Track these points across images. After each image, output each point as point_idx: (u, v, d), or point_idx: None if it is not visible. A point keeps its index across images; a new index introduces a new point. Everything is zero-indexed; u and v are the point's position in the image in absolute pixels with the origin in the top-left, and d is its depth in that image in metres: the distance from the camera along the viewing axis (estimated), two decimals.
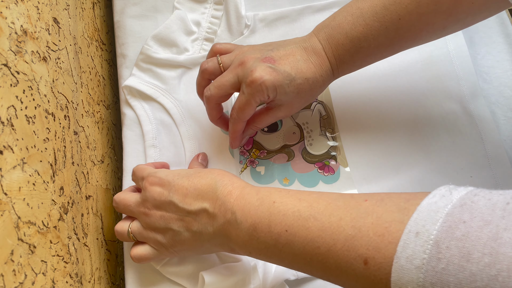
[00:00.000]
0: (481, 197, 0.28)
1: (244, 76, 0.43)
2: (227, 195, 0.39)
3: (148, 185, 0.43)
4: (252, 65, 0.43)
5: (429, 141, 0.52)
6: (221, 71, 0.46)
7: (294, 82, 0.43)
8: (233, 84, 0.44)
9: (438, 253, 0.26)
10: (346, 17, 0.44)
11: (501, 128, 0.52)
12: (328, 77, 0.45)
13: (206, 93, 0.46)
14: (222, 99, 0.46)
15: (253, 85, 0.42)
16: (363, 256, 0.30)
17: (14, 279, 0.30)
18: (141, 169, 0.46)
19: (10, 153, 0.32)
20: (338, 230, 0.32)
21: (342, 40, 0.44)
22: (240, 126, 0.47)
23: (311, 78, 0.44)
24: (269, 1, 0.59)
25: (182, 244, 0.42)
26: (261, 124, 0.48)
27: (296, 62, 0.44)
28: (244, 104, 0.44)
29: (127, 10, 0.58)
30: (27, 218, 0.33)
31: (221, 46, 0.49)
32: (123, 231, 0.45)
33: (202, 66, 0.47)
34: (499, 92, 0.54)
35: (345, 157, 0.51)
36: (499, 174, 0.50)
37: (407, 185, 0.50)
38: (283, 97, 0.44)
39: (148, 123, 0.54)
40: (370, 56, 0.45)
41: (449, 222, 0.27)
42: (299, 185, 0.51)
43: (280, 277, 0.45)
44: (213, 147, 0.53)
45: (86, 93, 0.52)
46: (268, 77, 0.42)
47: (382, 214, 0.31)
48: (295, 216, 0.35)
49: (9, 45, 0.34)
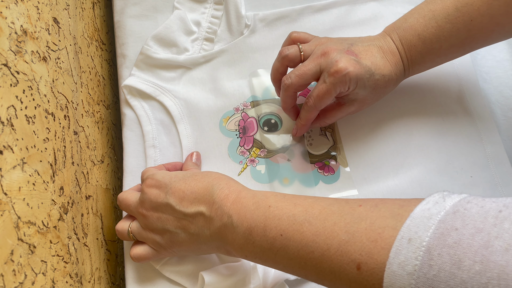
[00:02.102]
0: (474, 205, 0.28)
1: (327, 66, 0.44)
2: (224, 199, 0.39)
3: (145, 187, 0.44)
4: (336, 56, 0.44)
5: (429, 141, 0.52)
6: (301, 59, 0.47)
7: (373, 77, 0.45)
8: (314, 73, 0.45)
9: (429, 260, 0.27)
10: (418, 19, 0.45)
11: (501, 128, 0.52)
12: (401, 77, 0.47)
13: (286, 81, 0.46)
14: (300, 88, 0.46)
15: (337, 75, 0.43)
16: (356, 261, 0.30)
17: (14, 279, 0.30)
18: (144, 171, 0.47)
19: (10, 153, 0.32)
20: (332, 235, 0.32)
21: (415, 41, 0.45)
22: (313, 115, 0.47)
23: (387, 75, 0.45)
24: (269, 1, 0.59)
25: (180, 245, 0.42)
26: (331, 120, 0.49)
27: (375, 58, 0.45)
28: (324, 93, 0.44)
29: (127, 10, 0.58)
30: (27, 218, 0.33)
31: (299, 34, 0.49)
32: (123, 231, 0.45)
33: (283, 52, 0.47)
34: (499, 92, 0.54)
35: (345, 157, 0.51)
36: (499, 174, 0.50)
37: (407, 185, 0.50)
38: (360, 91, 0.45)
39: (148, 123, 0.54)
40: (440, 57, 0.46)
41: (441, 229, 0.27)
42: (299, 185, 0.51)
43: (280, 277, 0.45)
44: (211, 146, 0.53)
45: (86, 93, 0.52)
46: (352, 69, 0.43)
47: (376, 220, 0.31)
48: (290, 221, 0.35)
49: (9, 45, 0.34)
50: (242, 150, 0.53)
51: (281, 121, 0.54)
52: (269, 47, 0.57)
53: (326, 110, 0.49)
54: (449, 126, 0.52)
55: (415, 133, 0.52)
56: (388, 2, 0.58)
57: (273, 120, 0.54)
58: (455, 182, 0.50)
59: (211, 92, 0.55)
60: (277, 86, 0.50)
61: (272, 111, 0.54)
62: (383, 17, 0.57)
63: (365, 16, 0.57)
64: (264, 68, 0.56)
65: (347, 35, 0.57)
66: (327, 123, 0.50)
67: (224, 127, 0.54)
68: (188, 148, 0.53)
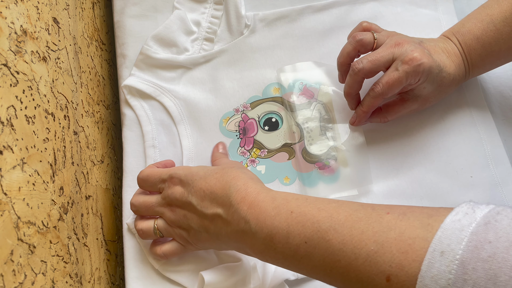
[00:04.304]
0: (504, 216, 0.28)
1: (401, 55, 0.44)
2: (240, 202, 0.38)
3: (172, 185, 0.43)
4: (411, 46, 0.45)
5: (429, 141, 0.52)
6: (373, 47, 0.48)
7: (441, 73, 0.46)
8: (387, 61, 0.45)
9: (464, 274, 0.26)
10: (476, 23, 0.47)
11: (501, 128, 0.52)
12: (462, 78, 0.48)
13: (358, 66, 0.46)
14: (370, 75, 0.47)
15: (411, 63, 0.44)
16: (385, 273, 0.30)
17: (14, 279, 0.30)
18: (155, 173, 0.45)
19: (10, 153, 0.32)
20: (360, 245, 0.31)
21: (474, 45, 0.47)
22: (377, 103, 0.48)
23: (453, 74, 0.47)
24: (269, 1, 0.59)
25: (204, 242, 0.42)
26: (392, 115, 0.50)
27: (442, 56, 0.46)
28: (395, 80, 0.44)
29: (127, 10, 0.58)
30: (27, 218, 0.33)
31: (371, 24, 0.50)
32: (148, 229, 0.45)
33: (357, 36, 0.48)
34: (499, 92, 0.54)
35: (345, 157, 0.51)
36: (499, 174, 0.50)
37: (407, 185, 0.50)
38: (427, 87, 0.46)
39: (148, 123, 0.54)
40: (500, 59, 0.48)
41: (474, 241, 0.27)
42: (300, 184, 0.51)
43: (280, 277, 0.45)
44: (211, 147, 0.53)
45: (86, 93, 0.52)
46: (426, 60, 0.44)
47: (405, 230, 0.30)
48: (314, 228, 0.34)
49: (9, 45, 0.34)
50: (242, 151, 0.53)
51: (282, 120, 0.54)
52: (269, 47, 0.57)
53: (388, 105, 0.50)
54: (449, 126, 0.52)
55: (415, 133, 0.52)
56: (388, 2, 0.58)
57: (274, 119, 0.54)
58: (455, 182, 0.50)
59: (211, 92, 0.55)
60: (343, 70, 0.50)
61: (273, 109, 0.54)
62: (383, 17, 0.57)
63: (365, 16, 0.57)
64: (290, 64, 0.56)
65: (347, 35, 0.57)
66: (387, 118, 0.50)
67: (224, 128, 0.54)
68: (188, 149, 0.53)
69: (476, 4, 0.51)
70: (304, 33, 0.57)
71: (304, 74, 0.55)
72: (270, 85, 0.55)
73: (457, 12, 0.57)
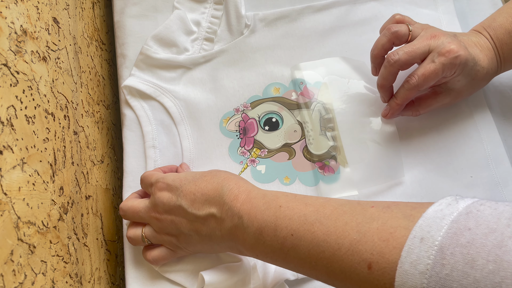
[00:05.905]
0: (487, 207, 0.28)
1: (438, 47, 0.44)
2: (234, 200, 0.39)
3: (157, 190, 0.43)
4: (448, 39, 0.45)
5: (429, 141, 0.52)
6: (408, 39, 0.48)
7: (475, 67, 0.46)
8: (423, 53, 0.45)
9: (442, 259, 0.27)
10: (507, 18, 0.47)
11: (501, 128, 0.52)
12: (495, 72, 0.48)
13: (394, 57, 0.46)
14: (405, 66, 0.46)
15: (449, 55, 0.43)
16: (367, 261, 0.30)
17: (14, 279, 0.30)
18: (149, 176, 0.46)
19: (10, 153, 0.32)
20: (343, 235, 0.32)
21: (506, 39, 0.46)
22: (412, 95, 0.47)
23: (486, 68, 0.46)
24: (269, 1, 0.59)
25: (195, 246, 0.43)
26: (424, 109, 0.49)
27: (476, 50, 0.46)
28: (431, 72, 0.44)
29: (127, 10, 0.58)
30: (27, 218, 0.33)
31: (404, 17, 0.50)
32: (136, 237, 0.45)
33: (392, 28, 0.48)
34: (499, 92, 0.54)
35: (345, 157, 0.51)
36: (499, 174, 0.50)
37: (407, 185, 0.50)
38: (462, 80, 0.46)
39: (148, 123, 0.54)
40: None
41: (454, 228, 0.27)
42: (300, 184, 0.51)
43: (280, 277, 0.45)
44: (211, 147, 0.53)
45: (86, 93, 0.51)
46: (463, 52, 0.44)
47: (388, 220, 0.31)
48: (301, 221, 0.35)
49: (9, 45, 0.34)
50: (242, 151, 0.53)
51: (282, 120, 0.54)
52: (269, 47, 0.57)
53: (421, 98, 0.50)
54: (449, 126, 0.52)
55: (415, 133, 0.52)
56: (388, 2, 0.58)
57: (274, 119, 0.54)
58: (455, 182, 0.50)
59: (211, 92, 0.55)
60: (377, 63, 0.50)
61: (274, 109, 0.54)
62: (383, 17, 0.57)
63: (365, 16, 0.57)
64: (304, 62, 0.56)
65: (347, 35, 0.57)
66: (419, 112, 0.50)
67: (224, 128, 0.54)
68: (188, 149, 0.53)
69: (476, 4, 0.51)
70: (304, 33, 0.57)
71: (328, 69, 0.55)
72: (270, 85, 0.55)
73: (457, 12, 0.57)
